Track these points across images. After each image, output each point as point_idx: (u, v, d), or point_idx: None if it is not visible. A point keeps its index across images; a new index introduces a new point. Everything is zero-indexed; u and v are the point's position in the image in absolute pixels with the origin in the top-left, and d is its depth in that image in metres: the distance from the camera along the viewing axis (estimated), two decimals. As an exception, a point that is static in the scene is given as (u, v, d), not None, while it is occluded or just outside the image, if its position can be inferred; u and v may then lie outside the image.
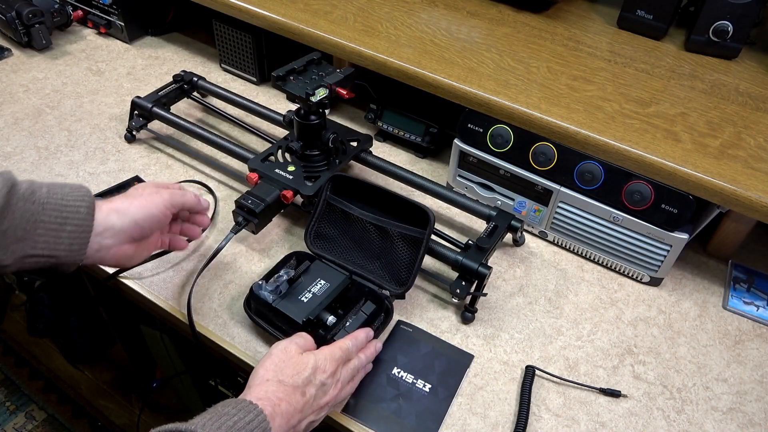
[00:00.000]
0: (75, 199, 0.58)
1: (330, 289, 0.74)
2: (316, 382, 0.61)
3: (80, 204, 0.59)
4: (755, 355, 0.77)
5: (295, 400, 0.58)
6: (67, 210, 0.58)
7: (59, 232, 0.57)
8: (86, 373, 1.66)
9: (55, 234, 0.57)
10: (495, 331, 0.78)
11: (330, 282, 0.75)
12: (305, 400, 0.59)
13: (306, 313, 0.71)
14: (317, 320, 0.71)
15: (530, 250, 0.90)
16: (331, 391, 0.62)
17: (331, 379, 0.62)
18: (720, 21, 0.92)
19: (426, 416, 0.67)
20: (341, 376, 0.64)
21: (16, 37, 1.20)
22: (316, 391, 0.60)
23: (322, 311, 0.72)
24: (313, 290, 0.74)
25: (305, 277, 0.76)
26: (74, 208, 0.58)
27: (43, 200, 0.56)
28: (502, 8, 1.06)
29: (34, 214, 0.56)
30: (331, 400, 0.62)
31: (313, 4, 1.03)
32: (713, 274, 0.88)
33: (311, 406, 0.60)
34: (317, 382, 0.61)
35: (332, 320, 0.72)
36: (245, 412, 0.52)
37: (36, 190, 0.57)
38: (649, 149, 0.76)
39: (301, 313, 0.71)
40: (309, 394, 0.60)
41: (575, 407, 0.70)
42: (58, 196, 0.58)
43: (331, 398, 0.62)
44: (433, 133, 1.01)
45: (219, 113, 1.08)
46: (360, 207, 0.81)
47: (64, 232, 0.57)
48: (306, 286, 0.74)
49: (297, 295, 0.73)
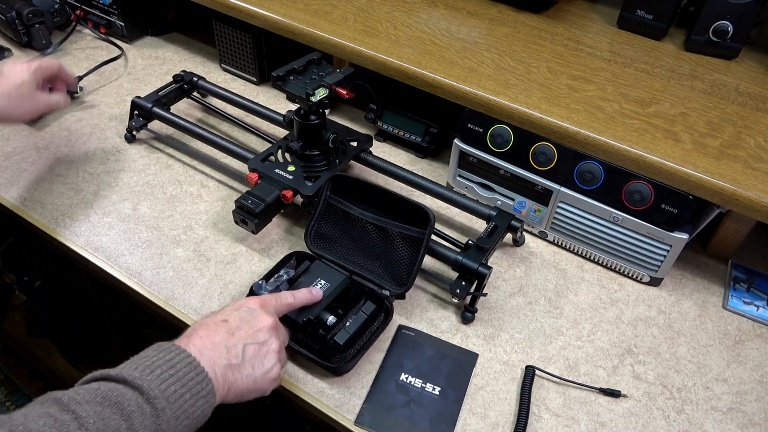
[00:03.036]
0: None
1: (330, 289, 0.74)
2: (239, 309, 0.62)
3: None
4: (755, 355, 0.77)
5: (214, 324, 0.59)
6: None
7: None
8: (86, 373, 1.66)
9: None
10: (495, 331, 0.78)
11: (330, 282, 0.75)
12: (229, 324, 0.60)
13: (306, 313, 0.71)
14: (317, 320, 0.72)
15: (530, 250, 0.90)
16: (262, 317, 0.62)
17: (260, 308, 0.63)
18: (720, 21, 0.92)
19: (439, 419, 0.67)
20: (273, 305, 0.65)
21: (16, 37, 1.20)
22: (242, 315, 0.61)
23: (322, 311, 0.72)
24: None
25: (305, 277, 0.76)
26: None
27: None
28: (502, 8, 1.06)
29: None
30: (268, 324, 0.62)
31: (313, 4, 1.03)
32: (713, 274, 0.88)
33: (242, 329, 0.60)
34: (239, 309, 0.62)
35: (332, 320, 0.72)
36: (165, 352, 0.54)
37: None
38: (649, 149, 0.76)
39: (301, 313, 0.71)
40: (233, 318, 0.60)
41: (575, 407, 0.70)
42: None
43: (268, 323, 0.62)
44: (433, 133, 1.01)
45: (219, 113, 1.08)
46: (360, 207, 0.81)
47: None
48: (306, 286, 0.74)
49: None
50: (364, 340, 0.71)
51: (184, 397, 0.51)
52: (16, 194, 0.91)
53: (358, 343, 0.70)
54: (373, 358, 0.73)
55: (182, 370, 0.53)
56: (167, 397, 0.50)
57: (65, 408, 0.47)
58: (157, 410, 0.49)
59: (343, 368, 0.70)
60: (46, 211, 0.89)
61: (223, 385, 0.56)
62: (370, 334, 0.72)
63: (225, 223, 0.89)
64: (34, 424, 0.44)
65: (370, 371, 0.72)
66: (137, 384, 0.50)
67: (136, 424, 0.48)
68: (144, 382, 0.50)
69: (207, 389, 0.54)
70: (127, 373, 0.50)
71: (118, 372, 0.51)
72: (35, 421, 0.45)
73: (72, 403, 0.47)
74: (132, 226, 0.88)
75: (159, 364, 0.52)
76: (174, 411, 0.50)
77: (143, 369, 0.51)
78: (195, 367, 0.53)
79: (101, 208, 0.90)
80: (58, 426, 0.45)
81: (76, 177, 0.95)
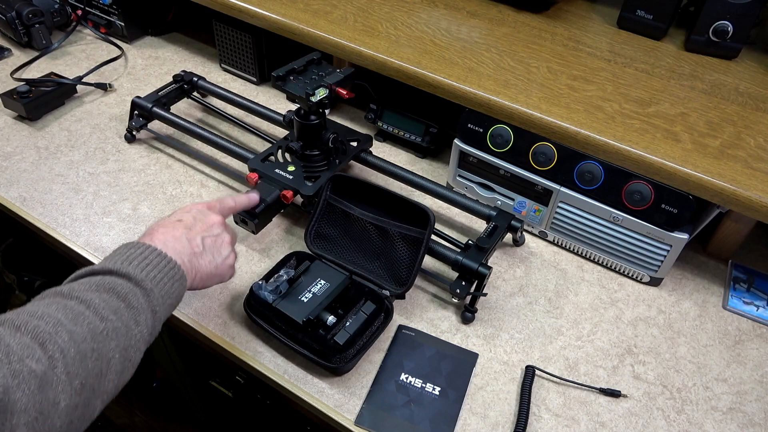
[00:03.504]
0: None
1: (330, 289, 0.74)
2: (189, 211, 0.67)
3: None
4: (755, 355, 0.77)
5: (171, 223, 0.64)
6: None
7: None
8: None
9: None
10: (495, 331, 0.78)
11: (330, 282, 0.75)
12: (184, 222, 0.65)
13: (306, 313, 0.71)
14: (317, 320, 0.71)
15: (530, 250, 0.90)
16: (211, 216, 0.68)
17: (207, 210, 0.69)
18: (720, 21, 0.92)
19: (439, 419, 0.67)
20: (218, 208, 0.71)
21: (16, 37, 1.20)
22: (194, 214, 0.67)
23: (322, 311, 0.72)
24: (313, 290, 0.74)
25: (305, 277, 0.76)
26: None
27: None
28: (502, 8, 1.06)
29: None
30: (218, 221, 0.68)
31: (313, 4, 1.03)
32: (713, 274, 0.88)
33: (196, 225, 0.66)
34: (190, 211, 0.68)
35: (332, 320, 0.72)
36: (134, 248, 0.59)
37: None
38: (649, 149, 0.76)
39: (301, 313, 0.71)
40: (185, 218, 0.66)
41: (575, 407, 0.70)
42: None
43: (217, 219, 0.68)
44: (433, 133, 1.01)
45: (219, 113, 1.08)
46: (360, 207, 0.81)
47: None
48: (306, 286, 0.74)
49: (297, 295, 0.73)
50: (364, 340, 0.71)
51: (163, 281, 0.58)
52: (16, 194, 0.91)
53: (358, 343, 0.70)
54: (373, 358, 0.73)
55: (154, 260, 0.58)
56: (150, 280, 0.56)
57: (68, 296, 0.51)
58: (146, 291, 0.55)
59: (343, 368, 0.70)
60: (46, 211, 0.89)
61: (191, 270, 0.63)
62: (370, 334, 0.72)
63: (225, 223, 0.89)
64: (48, 309, 0.49)
65: (370, 371, 0.72)
66: (124, 272, 0.55)
67: (134, 302, 0.54)
68: (129, 270, 0.56)
69: (179, 273, 0.60)
70: (111, 265, 0.56)
71: (103, 266, 0.56)
72: (48, 307, 0.49)
73: (73, 292, 0.52)
74: (132, 226, 0.88)
75: (134, 257, 0.57)
76: (159, 291, 0.57)
77: (122, 262, 0.56)
78: (164, 257, 0.59)
79: (101, 208, 0.90)
80: (70, 309, 0.50)
81: (76, 177, 0.95)
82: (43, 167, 0.96)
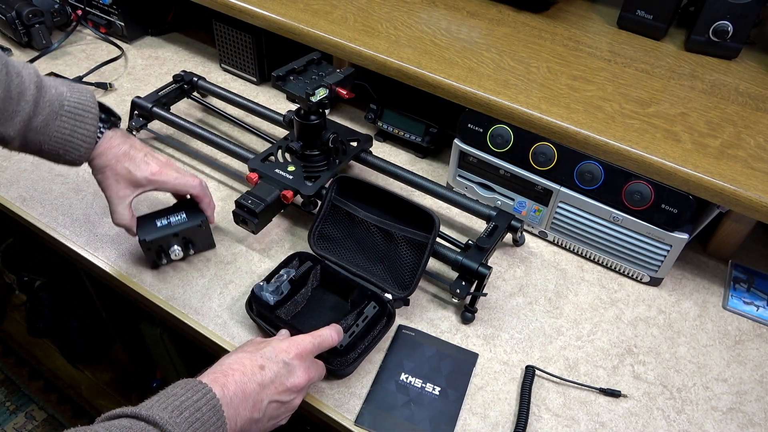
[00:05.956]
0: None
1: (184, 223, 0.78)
2: (278, 359, 0.60)
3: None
4: (755, 355, 0.77)
5: (251, 370, 0.58)
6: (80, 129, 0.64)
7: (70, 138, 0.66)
8: (86, 373, 1.66)
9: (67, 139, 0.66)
10: (495, 331, 0.78)
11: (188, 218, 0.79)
12: (264, 374, 0.58)
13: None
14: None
15: (530, 250, 0.90)
16: (299, 373, 0.61)
17: (299, 362, 0.61)
18: (720, 21, 0.92)
19: (439, 419, 0.67)
20: (308, 361, 0.63)
21: (16, 37, 1.20)
22: (279, 369, 0.59)
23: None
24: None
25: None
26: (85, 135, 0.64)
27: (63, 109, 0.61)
28: (502, 8, 1.06)
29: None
30: (298, 385, 0.61)
31: (313, 4, 1.03)
32: (713, 274, 0.88)
33: (274, 384, 0.59)
34: (279, 360, 0.60)
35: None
36: (193, 392, 0.53)
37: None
38: (649, 149, 0.76)
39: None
40: (270, 369, 0.59)
41: (575, 407, 0.70)
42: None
43: (299, 383, 0.61)
44: (433, 133, 1.01)
45: (219, 113, 1.08)
46: (365, 209, 0.81)
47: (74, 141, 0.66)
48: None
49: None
50: (365, 344, 0.71)
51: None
52: (16, 194, 0.91)
53: (358, 348, 0.70)
54: (373, 358, 0.73)
55: (207, 414, 0.53)
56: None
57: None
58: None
59: (343, 372, 0.70)
60: (46, 211, 0.89)
61: (234, 430, 0.57)
62: (372, 338, 0.72)
63: (225, 223, 0.89)
64: None
65: (370, 371, 0.72)
66: (168, 430, 0.50)
67: None
68: (175, 428, 0.50)
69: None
70: (158, 415, 0.50)
71: (149, 413, 0.50)
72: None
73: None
74: (132, 226, 0.88)
75: (187, 405, 0.52)
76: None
77: (172, 410, 0.51)
78: (219, 417, 0.53)
79: (101, 208, 0.90)
80: None
81: (76, 177, 0.95)
82: (43, 167, 0.96)
